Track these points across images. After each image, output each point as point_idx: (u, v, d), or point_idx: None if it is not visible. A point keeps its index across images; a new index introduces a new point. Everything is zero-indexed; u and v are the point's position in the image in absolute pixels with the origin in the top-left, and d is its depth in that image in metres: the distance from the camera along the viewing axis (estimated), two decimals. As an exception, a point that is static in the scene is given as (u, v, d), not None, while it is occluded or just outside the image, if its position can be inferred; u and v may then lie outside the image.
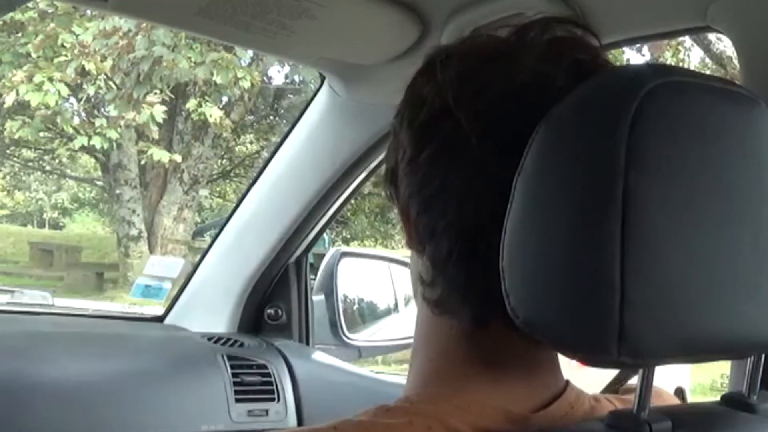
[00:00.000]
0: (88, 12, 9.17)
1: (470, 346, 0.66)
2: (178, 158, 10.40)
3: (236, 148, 13.69)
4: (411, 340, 0.73)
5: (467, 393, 0.64)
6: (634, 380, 0.83)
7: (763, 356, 0.68)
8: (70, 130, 10.34)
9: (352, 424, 0.63)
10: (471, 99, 0.64)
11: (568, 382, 0.70)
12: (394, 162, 0.71)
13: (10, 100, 9.24)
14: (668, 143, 0.56)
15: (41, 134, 10.77)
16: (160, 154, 10.12)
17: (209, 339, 1.71)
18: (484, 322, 0.64)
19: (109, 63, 9.24)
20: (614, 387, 0.88)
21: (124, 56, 9.03)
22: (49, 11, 9.40)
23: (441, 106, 0.65)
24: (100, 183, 13.68)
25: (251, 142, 13.76)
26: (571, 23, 0.68)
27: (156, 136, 9.95)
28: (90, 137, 9.91)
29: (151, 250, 10.93)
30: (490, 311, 0.62)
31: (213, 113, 9.90)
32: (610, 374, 0.92)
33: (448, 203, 0.64)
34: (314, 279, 1.87)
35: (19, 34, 9.70)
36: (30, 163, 14.09)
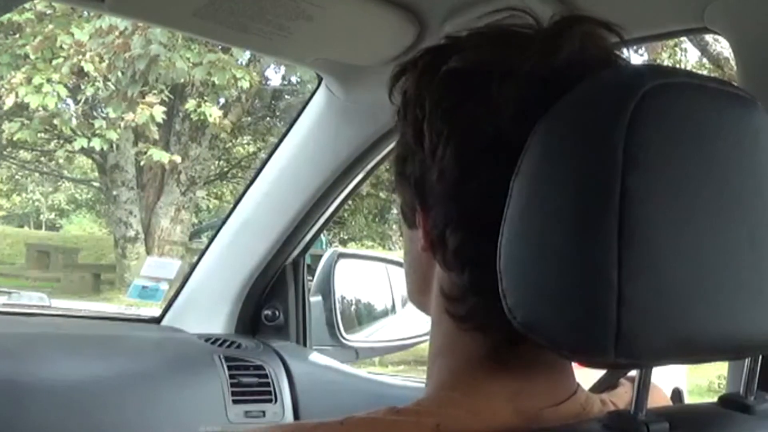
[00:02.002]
0: (86, 14, 9.16)
1: (496, 358, 0.65)
2: (178, 159, 10.39)
3: (233, 150, 13.67)
4: (408, 341, 0.73)
5: (479, 396, 0.64)
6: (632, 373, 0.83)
7: (761, 357, 0.68)
8: (69, 132, 10.31)
9: (358, 418, 0.63)
10: (528, 128, 0.60)
11: (578, 384, 0.70)
12: (420, 171, 0.67)
13: (9, 102, 9.22)
14: (665, 144, 0.56)
15: (39, 135, 10.74)
16: (160, 155, 10.10)
17: (206, 340, 1.70)
18: (516, 341, 0.62)
19: (105, 62, 9.22)
20: (604, 386, 0.88)
21: (121, 55, 9.01)
22: (47, 12, 9.39)
23: (495, 132, 0.62)
24: (96, 184, 13.64)
25: (248, 143, 13.75)
26: (603, 26, 0.67)
27: (156, 137, 9.94)
28: (90, 139, 9.90)
29: (148, 252, 10.91)
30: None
31: (213, 113, 9.88)
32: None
33: (496, 234, 0.61)
34: (311, 280, 1.87)
35: (17, 36, 9.68)
36: (27, 165, 14.06)
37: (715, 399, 0.71)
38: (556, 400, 0.66)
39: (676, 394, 1.06)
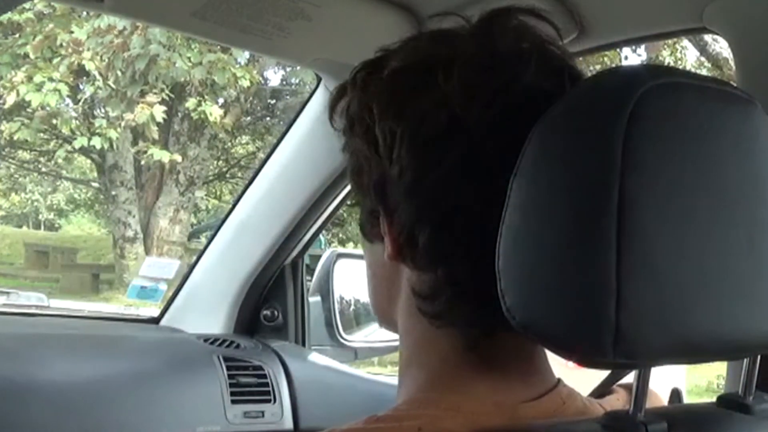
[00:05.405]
0: (86, 13, 9.15)
1: (472, 352, 0.65)
2: (178, 158, 10.37)
3: (232, 150, 13.67)
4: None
5: (458, 394, 0.64)
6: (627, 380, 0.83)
7: (759, 357, 0.68)
8: (69, 132, 10.30)
9: (339, 431, 0.63)
10: (480, 113, 0.62)
11: (559, 379, 0.70)
12: (379, 176, 0.67)
13: (11, 100, 9.21)
14: (664, 145, 0.56)
15: (39, 135, 10.73)
16: (160, 154, 10.09)
17: (205, 340, 1.70)
18: (492, 332, 0.63)
19: (104, 62, 9.21)
20: (606, 388, 0.88)
21: (120, 55, 9.00)
22: (47, 12, 9.38)
23: (448, 120, 0.62)
24: (95, 184, 13.63)
25: (247, 143, 13.74)
26: (535, 15, 0.68)
27: (156, 136, 9.93)
28: (90, 138, 9.88)
29: (147, 252, 10.90)
30: (498, 320, 0.59)
31: (213, 112, 9.87)
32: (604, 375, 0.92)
33: (467, 224, 0.62)
34: (310, 280, 1.87)
35: (17, 35, 9.67)
36: (26, 165, 14.05)
37: (713, 399, 0.71)
38: (535, 393, 0.66)
39: (675, 394, 1.06)
